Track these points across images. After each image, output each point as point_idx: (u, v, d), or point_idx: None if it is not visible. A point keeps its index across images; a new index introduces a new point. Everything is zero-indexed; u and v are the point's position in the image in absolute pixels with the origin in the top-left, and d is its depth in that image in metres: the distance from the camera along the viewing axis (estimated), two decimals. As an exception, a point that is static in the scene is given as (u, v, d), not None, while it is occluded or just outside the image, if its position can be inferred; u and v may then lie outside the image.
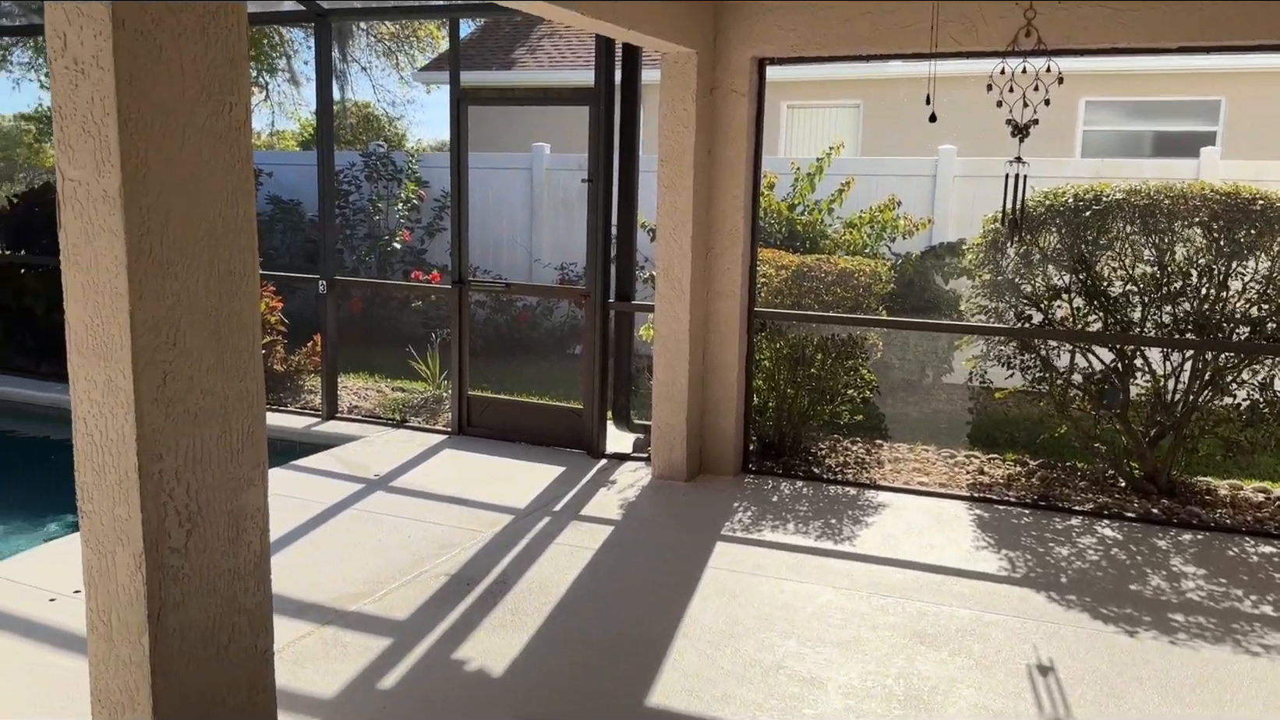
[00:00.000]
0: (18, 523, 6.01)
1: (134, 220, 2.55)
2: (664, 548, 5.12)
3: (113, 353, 2.61)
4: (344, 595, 4.38)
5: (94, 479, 2.71)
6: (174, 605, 2.76)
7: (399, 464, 6.34)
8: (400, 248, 11.29)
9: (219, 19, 2.74)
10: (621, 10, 4.91)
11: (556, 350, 10.48)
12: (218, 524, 2.88)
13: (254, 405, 2.97)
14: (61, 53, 2.52)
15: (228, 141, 2.80)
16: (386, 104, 21.47)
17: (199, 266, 2.75)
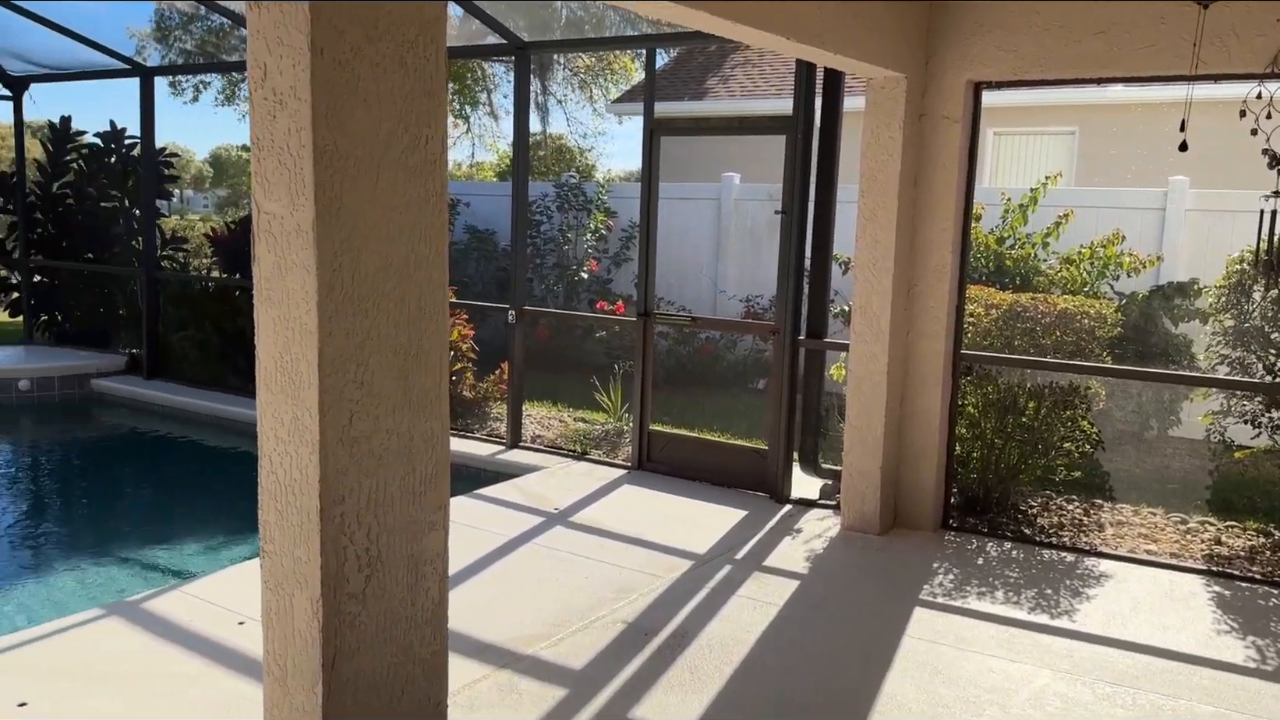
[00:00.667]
0: (220, 539, 6.25)
1: (325, 255, 2.48)
2: (855, 609, 4.75)
3: (300, 390, 2.55)
4: (521, 637, 4.25)
5: (276, 518, 2.65)
6: (349, 653, 2.66)
7: (579, 498, 6.23)
8: (587, 277, 11.34)
9: (418, 49, 2.65)
10: (828, 35, 4.63)
11: (739, 384, 10.22)
12: (397, 569, 2.77)
13: (438, 446, 2.86)
14: (261, 83, 2.48)
15: (422, 175, 2.71)
16: (579, 135, 21.90)
17: (389, 304, 2.66)
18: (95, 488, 7.74)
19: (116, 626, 4.20)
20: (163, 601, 4.48)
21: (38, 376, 9.47)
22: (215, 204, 46.43)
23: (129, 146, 10.91)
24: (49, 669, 3.78)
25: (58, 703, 3.53)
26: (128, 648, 4.00)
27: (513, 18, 8.09)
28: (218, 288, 9.60)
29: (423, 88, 2.68)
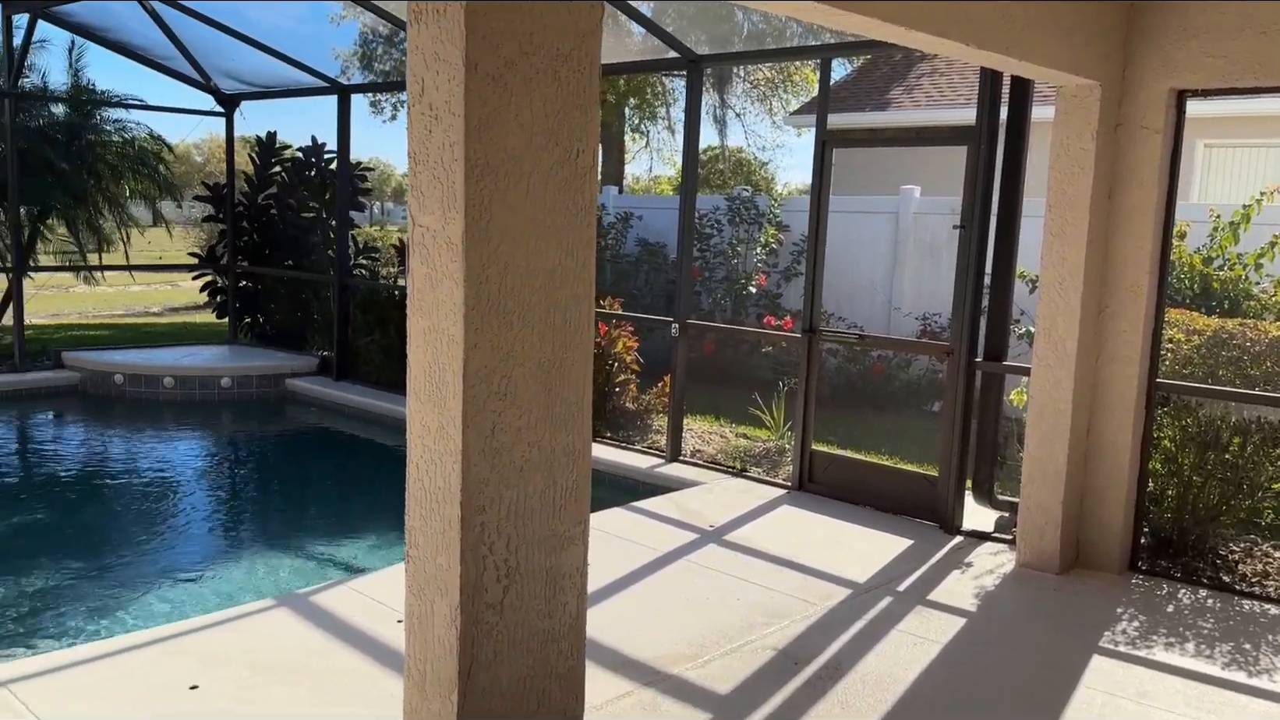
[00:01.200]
0: (393, 536, 6.49)
1: (474, 267, 2.50)
2: (1027, 653, 4.43)
3: (446, 400, 2.58)
4: (666, 656, 4.18)
5: (421, 524, 2.69)
6: (486, 663, 2.67)
7: (735, 516, 6.12)
8: (755, 291, 11.21)
9: (572, 63, 2.65)
10: (1013, 41, 4.36)
11: (912, 407, 9.83)
12: (535, 582, 2.77)
13: (579, 461, 2.84)
14: (419, 98, 2.53)
15: (571, 189, 2.70)
16: (757, 148, 21.79)
17: (534, 316, 2.66)
18: (283, 481, 8.23)
19: (284, 617, 4.41)
20: (330, 595, 4.67)
21: (238, 375, 10.17)
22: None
23: (327, 160, 11.61)
24: (219, 655, 3.99)
25: (225, 688, 3.73)
26: (293, 639, 4.19)
27: (693, 32, 8.11)
28: (403, 295, 10.05)
29: (575, 101, 2.67)
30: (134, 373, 9.98)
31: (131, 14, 9.59)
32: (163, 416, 9.62)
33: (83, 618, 4.99)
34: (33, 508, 7.02)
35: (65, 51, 12.08)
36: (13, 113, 10.03)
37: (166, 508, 7.23)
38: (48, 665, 3.90)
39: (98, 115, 12.39)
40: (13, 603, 5.12)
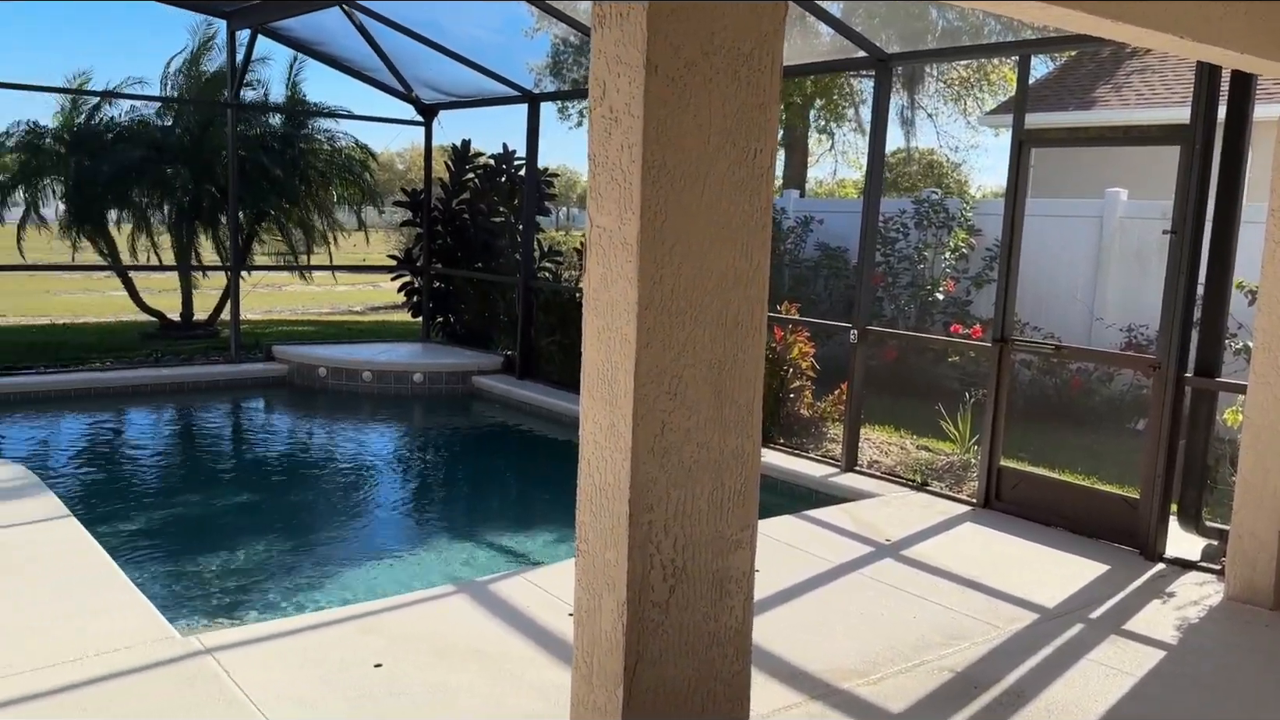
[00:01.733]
0: (568, 531, 6.64)
1: (648, 268, 2.52)
2: (1231, 697, 4.07)
3: (617, 398, 2.60)
4: (838, 669, 4.08)
5: (590, 520, 2.73)
6: (651, 660, 2.68)
7: (913, 531, 5.91)
8: (943, 298, 10.82)
9: (753, 62, 2.62)
10: (1233, 33, 4.02)
11: (1113, 424, 9.23)
12: (702, 584, 2.75)
13: (748, 464, 2.80)
14: (600, 101, 2.57)
15: (748, 190, 2.67)
16: (949, 149, 21.04)
17: (706, 317, 2.65)
18: (466, 474, 8.57)
19: (464, 604, 4.58)
20: (507, 585, 4.82)
21: (429, 372, 10.68)
22: (595, 220, 50.06)
23: (517, 167, 12.03)
24: (404, 636, 4.19)
25: (407, 669, 3.90)
26: (472, 625, 4.35)
27: (884, 31, 7.90)
28: (584, 297, 10.28)
29: (755, 101, 2.64)
30: (336, 366, 10.64)
31: (341, 29, 10.24)
32: (361, 408, 10.21)
33: (281, 593, 5.34)
34: (242, 489, 7.60)
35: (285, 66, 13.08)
36: (234, 123, 10.89)
37: (361, 493, 7.66)
38: (249, 636, 4.20)
39: (309, 125, 13.32)
40: (220, 576, 5.55)
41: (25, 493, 5.89)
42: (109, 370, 10.12)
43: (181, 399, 10.04)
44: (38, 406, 9.21)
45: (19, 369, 9.82)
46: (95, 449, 8.46)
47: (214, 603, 5.18)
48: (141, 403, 9.75)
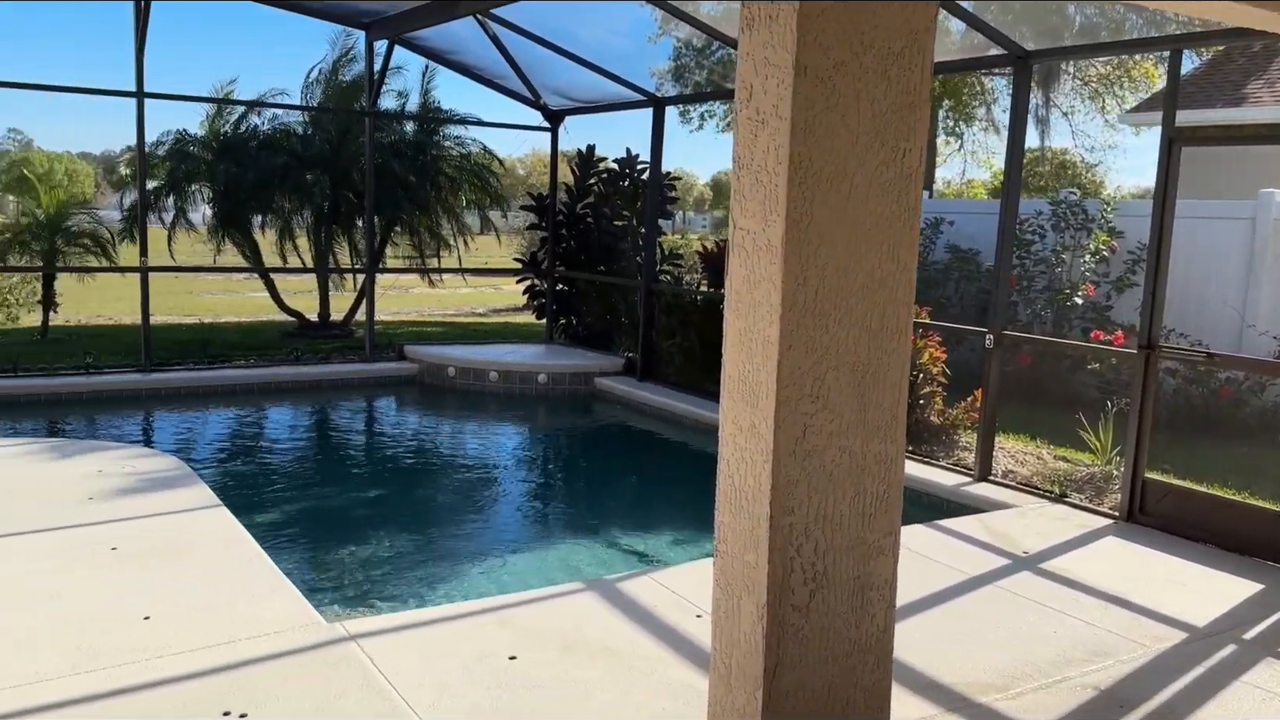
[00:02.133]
0: (689, 533, 6.66)
1: (792, 270, 2.51)
2: None
3: (759, 400, 2.60)
4: (974, 683, 3.98)
5: (730, 521, 2.73)
6: (791, 664, 2.66)
7: (1051, 544, 5.71)
8: (1081, 303, 10.40)
9: (903, 61, 2.58)
10: None
11: (1265, 436, 8.71)
12: (843, 589, 2.72)
13: (892, 469, 2.76)
14: (746, 103, 2.57)
15: (895, 191, 2.63)
16: (1084, 149, 20.24)
17: (851, 320, 2.62)
18: (589, 473, 8.68)
19: (592, 601, 4.64)
20: (633, 584, 4.86)
21: (553, 373, 10.85)
22: (712, 224, 50.10)
23: (640, 171, 12.12)
24: (536, 630, 4.27)
25: (540, 662, 3.98)
26: (600, 622, 4.40)
27: (1019, 27, 7.67)
28: (704, 300, 10.28)
29: (905, 100, 2.60)
30: (464, 366, 10.93)
31: (473, 37, 10.52)
32: (487, 407, 10.45)
33: (413, 584, 5.52)
34: (376, 483, 7.87)
35: (417, 75, 13.48)
36: (371, 130, 11.30)
37: (488, 490, 7.85)
38: (390, 624, 4.35)
39: (439, 131, 13.71)
40: (357, 566, 5.76)
41: (180, 483, 6.24)
42: (252, 368, 10.63)
43: (319, 396, 10.47)
44: (188, 401, 9.75)
45: (170, 365, 10.41)
46: (240, 442, 8.90)
47: (350, 591, 5.38)
48: (282, 399, 10.21)
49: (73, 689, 3.62)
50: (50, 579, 4.60)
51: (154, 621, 4.19)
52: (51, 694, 3.59)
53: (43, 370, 9.85)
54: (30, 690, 3.60)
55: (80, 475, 6.28)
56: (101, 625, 4.14)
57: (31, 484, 6.10)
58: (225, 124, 13.11)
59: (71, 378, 9.57)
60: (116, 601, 4.38)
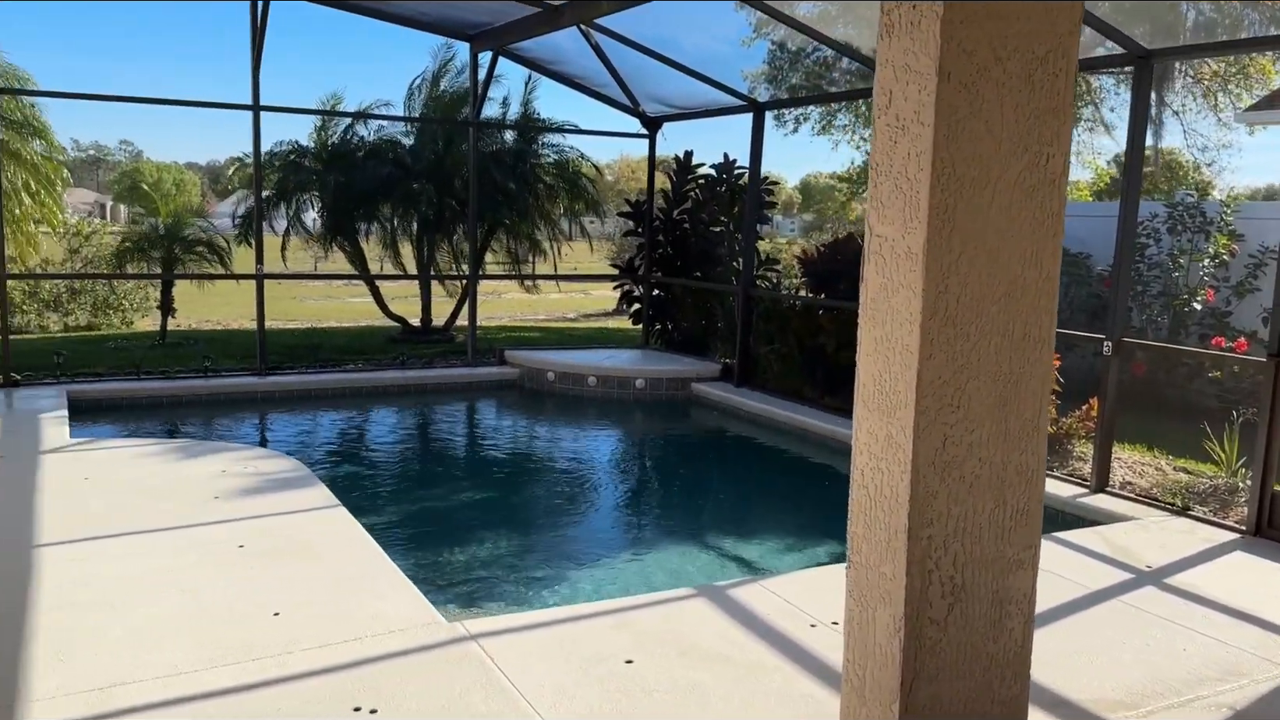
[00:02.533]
0: (791, 540, 6.63)
1: (933, 277, 2.48)
2: None
3: (896, 410, 2.57)
4: (1101, 700, 3.86)
5: (864, 531, 2.71)
6: (928, 678, 2.63)
7: (1175, 559, 5.51)
8: (1200, 308, 10.02)
9: (1047, 65, 2.54)
10: None
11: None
12: (981, 602, 2.68)
13: (1033, 481, 2.70)
14: (885, 109, 2.55)
15: (1038, 197, 2.59)
16: (1196, 149, 19.49)
17: (992, 329, 2.58)
18: (688, 478, 8.68)
19: (703, 607, 4.65)
20: (744, 591, 4.85)
21: (650, 378, 10.90)
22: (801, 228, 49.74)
23: (737, 176, 12.10)
24: (650, 634, 4.29)
25: (656, 667, 4.00)
26: (713, 628, 4.40)
27: (1134, 25, 7.44)
28: (803, 306, 10.20)
29: (1048, 105, 2.56)
30: (563, 371, 11.05)
31: (574, 47, 10.65)
32: (586, 411, 10.55)
33: (526, 585, 5.60)
34: (482, 485, 8.02)
35: (518, 85, 13.73)
36: (475, 139, 11.52)
37: (591, 492, 7.92)
38: (508, 625, 4.43)
39: (538, 140, 13.92)
40: (471, 566, 5.88)
41: (300, 483, 6.45)
42: (361, 371, 10.93)
43: (424, 399, 10.71)
44: (300, 403, 10.07)
45: (284, 368, 10.77)
46: (352, 444, 9.16)
47: (463, 590, 5.49)
48: (389, 401, 10.47)
49: (208, 682, 3.78)
50: (182, 575, 4.80)
51: (283, 618, 4.34)
52: (190, 686, 3.74)
53: (163, 373, 10.29)
54: (170, 682, 3.76)
55: (206, 475, 6.55)
56: (233, 621, 4.30)
57: (160, 483, 6.37)
58: (333, 135, 13.52)
59: (191, 380, 9.98)
60: (246, 598, 4.55)
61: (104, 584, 4.66)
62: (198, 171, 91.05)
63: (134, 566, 4.88)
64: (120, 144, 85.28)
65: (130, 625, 4.22)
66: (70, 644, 4.03)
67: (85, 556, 5.00)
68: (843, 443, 8.71)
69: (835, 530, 6.82)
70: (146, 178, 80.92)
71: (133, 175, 79.54)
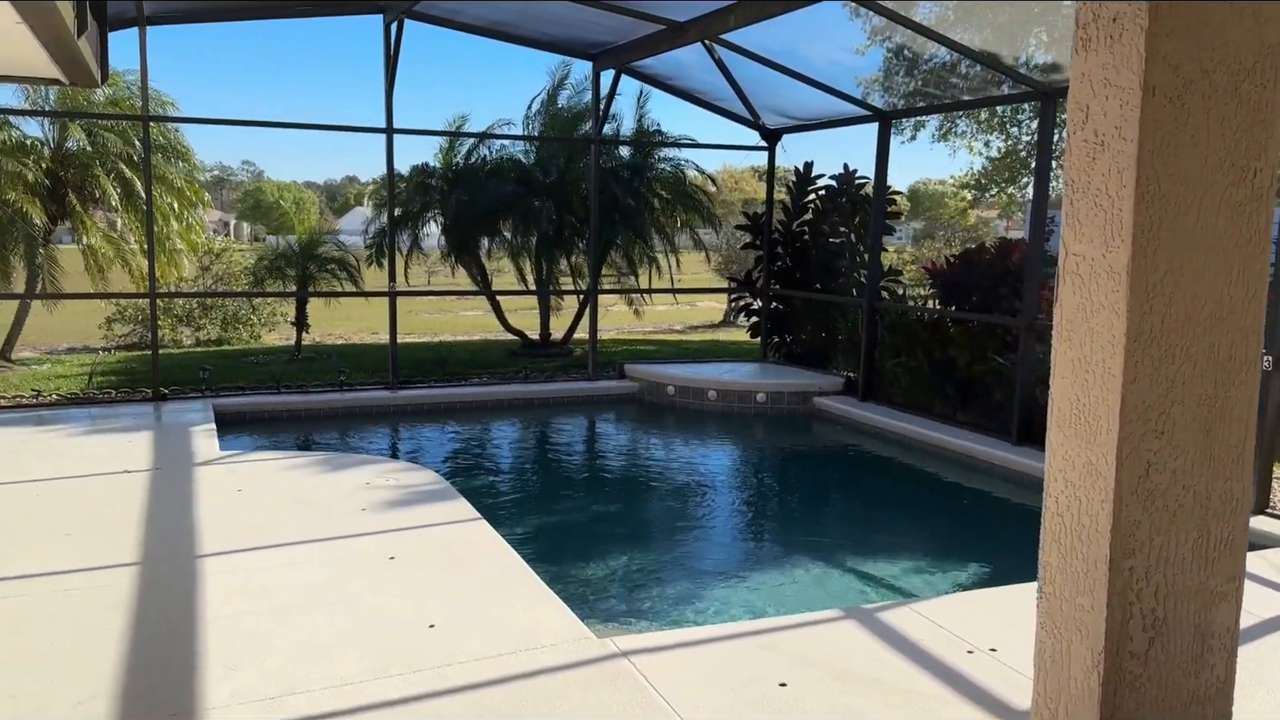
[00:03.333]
0: (926, 561, 6.47)
1: (1137, 298, 2.39)
2: None
3: (1096, 435, 2.48)
4: (1288, 740, 3.66)
5: (1059, 562, 2.62)
6: (1127, 714, 2.53)
7: (1357, 588, 5.19)
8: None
9: (1255, 76, 2.42)
10: None
11: None
12: (1182, 637, 2.56)
13: (1238, 511, 2.57)
14: (1082, 125, 2.47)
15: (1245, 213, 2.47)
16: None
17: (1197, 350, 2.47)
18: (818, 494, 8.58)
19: (854, 630, 4.57)
20: (893, 615, 4.76)
21: (771, 392, 10.82)
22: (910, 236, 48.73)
23: (858, 186, 11.94)
24: (802, 657, 4.25)
25: (811, 691, 3.95)
26: (865, 652, 4.33)
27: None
28: (931, 318, 9.99)
29: (1256, 118, 2.44)
30: (684, 385, 11.07)
31: (695, 62, 10.69)
32: (708, 425, 10.54)
33: (666, 601, 5.61)
34: (612, 499, 8.08)
35: (631, 100, 13.83)
36: (597, 156, 11.66)
37: (722, 508, 7.91)
38: (658, 643, 4.44)
39: (655, 154, 13.99)
40: (610, 581, 5.92)
41: (441, 496, 6.60)
42: (487, 385, 11.16)
43: (548, 412, 10.87)
44: (431, 416, 10.34)
45: (414, 382, 11.07)
46: (484, 457, 9.35)
47: (605, 605, 5.53)
48: (515, 415, 10.66)
49: (375, 693, 3.88)
50: (339, 586, 4.96)
51: (439, 630, 4.44)
52: (359, 697, 3.86)
53: (300, 387, 10.69)
54: (340, 692, 3.88)
55: (350, 487, 6.76)
56: (391, 632, 4.42)
57: (309, 494, 6.61)
58: (458, 155, 13.87)
59: (327, 394, 10.34)
60: (401, 609, 4.68)
61: (265, 594, 4.85)
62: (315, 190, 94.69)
63: (293, 577, 5.07)
64: (242, 164, 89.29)
65: (295, 636, 4.38)
66: (239, 653, 4.20)
67: (246, 567, 5.21)
68: (978, 460, 8.50)
69: (976, 551, 6.66)
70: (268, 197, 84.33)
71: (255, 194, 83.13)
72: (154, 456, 7.56)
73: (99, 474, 7.04)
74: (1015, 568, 5.82)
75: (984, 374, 9.15)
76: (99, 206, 14.64)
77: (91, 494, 6.58)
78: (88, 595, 4.80)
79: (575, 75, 14.11)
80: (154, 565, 5.25)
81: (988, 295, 9.35)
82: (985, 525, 7.45)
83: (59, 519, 6.02)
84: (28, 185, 13.08)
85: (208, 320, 17.52)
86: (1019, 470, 8.10)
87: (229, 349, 15.11)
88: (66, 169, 13.93)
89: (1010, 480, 8.11)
